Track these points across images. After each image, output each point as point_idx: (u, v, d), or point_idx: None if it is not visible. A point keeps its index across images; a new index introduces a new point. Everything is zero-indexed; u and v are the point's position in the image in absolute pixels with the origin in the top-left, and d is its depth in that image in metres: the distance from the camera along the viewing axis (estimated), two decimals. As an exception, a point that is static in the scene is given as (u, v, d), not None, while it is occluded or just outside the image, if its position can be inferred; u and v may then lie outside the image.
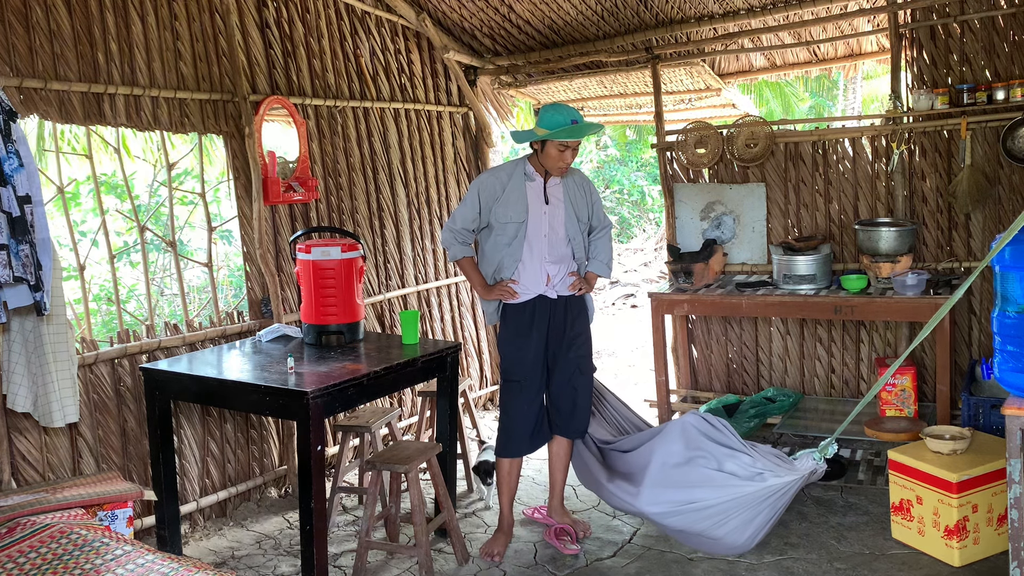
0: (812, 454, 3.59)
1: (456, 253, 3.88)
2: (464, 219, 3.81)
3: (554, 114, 3.66)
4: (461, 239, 3.85)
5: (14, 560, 2.63)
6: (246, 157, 4.47)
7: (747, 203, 5.34)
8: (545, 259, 3.81)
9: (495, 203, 3.77)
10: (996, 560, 3.49)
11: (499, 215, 3.77)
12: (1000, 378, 3.08)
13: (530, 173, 3.81)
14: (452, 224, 3.84)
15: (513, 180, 3.78)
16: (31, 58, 3.64)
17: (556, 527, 3.99)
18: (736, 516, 3.61)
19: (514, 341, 3.83)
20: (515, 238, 3.78)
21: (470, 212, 3.80)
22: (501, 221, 3.77)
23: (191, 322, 4.30)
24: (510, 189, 3.77)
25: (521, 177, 3.80)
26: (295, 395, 3.29)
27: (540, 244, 3.80)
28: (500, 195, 3.77)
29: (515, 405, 3.85)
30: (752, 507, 3.60)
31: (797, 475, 3.56)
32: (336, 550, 3.99)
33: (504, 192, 3.77)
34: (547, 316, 3.84)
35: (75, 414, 3.57)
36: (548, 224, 3.81)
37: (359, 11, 5.25)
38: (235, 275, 8.35)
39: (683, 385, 5.67)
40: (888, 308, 4.48)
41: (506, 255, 3.80)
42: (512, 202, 3.76)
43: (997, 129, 4.61)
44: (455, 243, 3.86)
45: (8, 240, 3.20)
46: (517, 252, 3.79)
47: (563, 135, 3.62)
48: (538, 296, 3.82)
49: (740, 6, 5.10)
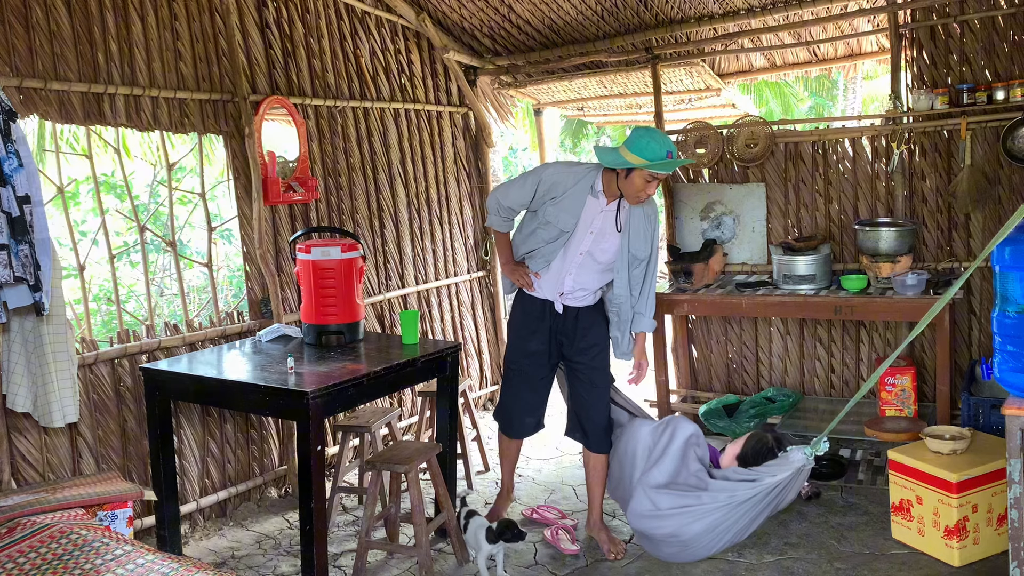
0: (803, 449, 3.59)
1: (497, 223, 3.84)
2: (514, 200, 3.74)
3: (650, 142, 3.46)
4: (505, 214, 3.80)
5: (14, 560, 2.63)
6: (246, 157, 4.47)
7: (747, 203, 5.34)
8: (570, 274, 3.75)
9: (550, 200, 3.64)
10: (996, 560, 3.49)
11: (550, 215, 3.65)
12: (1000, 378, 3.08)
13: (597, 189, 3.63)
14: (503, 198, 3.76)
15: (577, 187, 3.62)
16: (31, 58, 3.64)
17: (556, 527, 3.99)
18: (734, 520, 3.59)
19: (519, 330, 3.93)
20: (554, 242, 3.70)
21: (522, 197, 3.72)
22: (550, 220, 3.66)
23: (191, 322, 4.30)
24: (571, 195, 3.62)
25: (587, 189, 3.62)
26: (295, 395, 3.29)
27: (573, 260, 3.72)
28: (559, 195, 3.62)
29: (512, 390, 4.00)
30: (748, 510, 3.58)
31: (790, 469, 3.55)
32: (336, 550, 3.99)
33: (563, 195, 3.62)
34: (553, 320, 3.86)
35: (75, 414, 3.57)
36: (590, 246, 3.69)
37: (359, 11, 5.25)
38: (235, 275, 8.35)
39: (683, 385, 5.67)
40: (888, 308, 4.48)
41: (540, 252, 3.75)
42: (565, 209, 3.62)
43: (997, 129, 4.61)
44: (498, 216, 3.81)
45: (8, 240, 3.20)
46: (551, 255, 3.73)
47: (658, 167, 3.46)
48: (546, 300, 3.85)
49: (740, 6, 5.10)
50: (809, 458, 3.57)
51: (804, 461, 3.56)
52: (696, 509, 3.55)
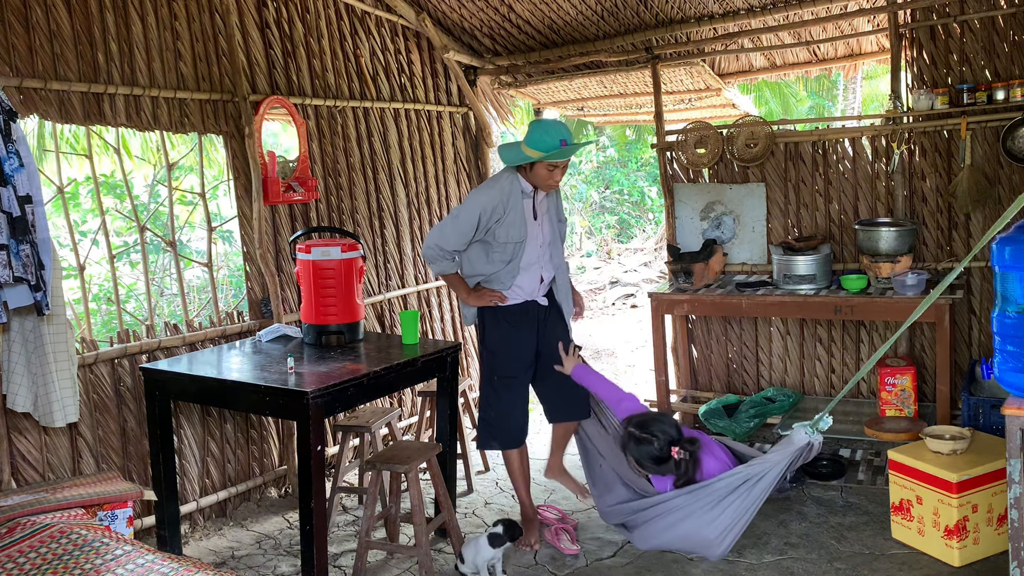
0: (805, 427, 3.38)
1: (443, 269, 3.82)
2: (457, 241, 3.73)
3: (543, 135, 3.62)
4: (451, 257, 3.80)
5: (14, 560, 2.63)
6: (246, 157, 4.47)
7: (747, 203, 5.34)
8: (541, 267, 3.88)
9: (496, 224, 3.72)
10: (996, 560, 3.49)
11: (499, 235, 3.73)
12: (1000, 378, 3.08)
13: (527, 190, 3.77)
14: (443, 243, 3.73)
15: (513, 198, 3.72)
16: (31, 58, 3.64)
17: (556, 527, 4.00)
18: (730, 507, 3.46)
19: (508, 341, 3.86)
20: (514, 256, 3.77)
21: (464, 235, 3.72)
22: (501, 241, 3.74)
23: (191, 322, 4.30)
24: (512, 208, 3.72)
25: (519, 196, 3.75)
26: (295, 395, 3.29)
27: (535, 254, 3.84)
28: (503, 216, 3.71)
29: (510, 400, 3.91)
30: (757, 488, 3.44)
31: (793, 447, 3.37)
32: (336, 550, 3.99)
33: (506, 212, 3.71)
34: (537, 316, 3.91)
35: (75, 414, 3.57)
36: (541, 234, 3.85)
37: (359, 11, 5.25)
38: (235, 275, 8.35)
39: (683, 385, 5.67)
40: (888, 308, 4.48)
41: (503, 272, 3.80)
42: (513, 222, 3.73)
43: (997, 129, 4.61)
44: (443, 259, 3.79)
45: (8, 240, 3.20)
46: (515, 269, 3.80)
47: (555, 156, 3.61)
48: (527, 300, 3.87)
49: (740, 6, 5.10)
50: (812, 435, 3.41)
51: (807, 439, 3.42)
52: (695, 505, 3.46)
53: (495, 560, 3.60)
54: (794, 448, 3.37)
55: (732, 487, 3.36)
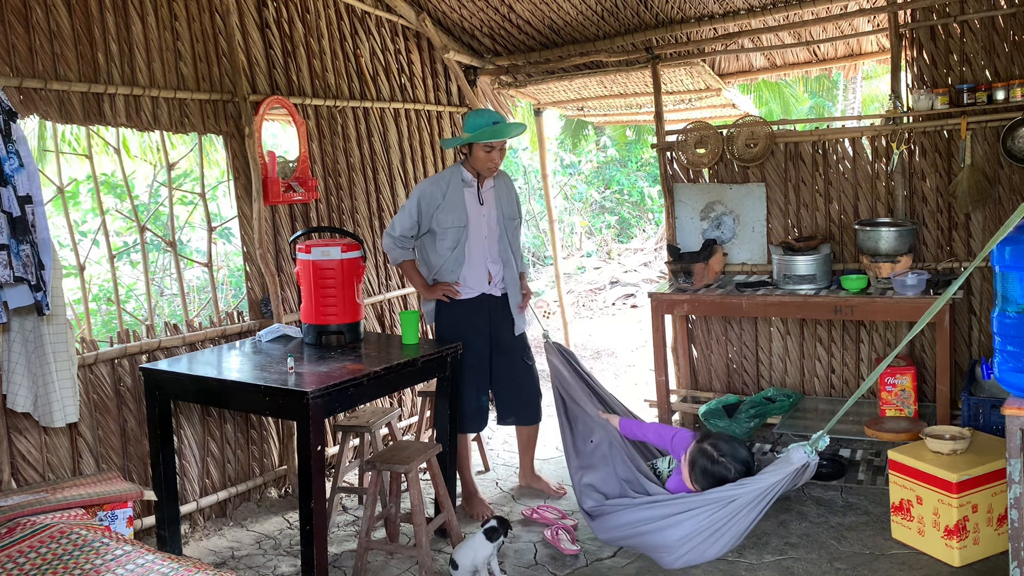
0: (803, 447, 3.32)
1: (397, 257, 4.18)
2: (404, 227, 4.09)
3: (476, 118, 4.04)
4: (401, 244, 4.15)
5: (14, 560, 2.63)
6: (246, 157, 4.47)
7: (747, 203, 5.34)
8: (487, 259, 4.14)
9: (436, 211, 4.05)
10: (996, 560, 3.49)
11: (441, 221, 4.05)
12: (1000, 378, 3.08)
13: (467, 179, 4.11)
14: (392, 232, 4.11)
15: (452, 187, 4.07)
16: (31, 58, 3.64)
17: (556, 527, 4.00)
18: (732, 523, 3.48)
19: (460, 328, 4.10)
20: (458, 242, 4.06)
21: (409, 220, 4.08)
22: (443, 227, 4.04)
23: (191, 322, 4.30)
24: (449, 195, 4.06)
25: (459, 183, 4.10)
26: (295, 395, 3.29)
27: (481, 245, 4.11)
28: (441, 202, 4.04)
29: (467, 388, 4.15)
30: (745, 510, 3.47)
31: (790, 467, 3.43)
32: (336, 550, 4.00)
33: (444, 199, 4.05)
34: (490, 311, 4.16)
35: (75, 414, 3.57)
36: (487, 225, 4.13)
37: (359, 11, 5.25)
38: (235, 275, 8.35)
39: (683, 385, 5.67)
40: (888, 308, 4.48)
41: (450, 259, 4.09)
42: (452, 208, 4.04)
43: (997, 129, 4.61)
44: (396, 248, 4.15)
45: (8, 240, 3.20)
46: (461, 256, 4.09)
47: (485, 136, 3.95)
48: (482, 293, 4.14)
49: (740, 6, 5.10)
50: (810, 456, 3.44)
51: (805, 459, 3.45)
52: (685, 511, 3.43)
53: (492, 556, 3.59)
54: (792, 468, 3.38)
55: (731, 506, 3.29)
